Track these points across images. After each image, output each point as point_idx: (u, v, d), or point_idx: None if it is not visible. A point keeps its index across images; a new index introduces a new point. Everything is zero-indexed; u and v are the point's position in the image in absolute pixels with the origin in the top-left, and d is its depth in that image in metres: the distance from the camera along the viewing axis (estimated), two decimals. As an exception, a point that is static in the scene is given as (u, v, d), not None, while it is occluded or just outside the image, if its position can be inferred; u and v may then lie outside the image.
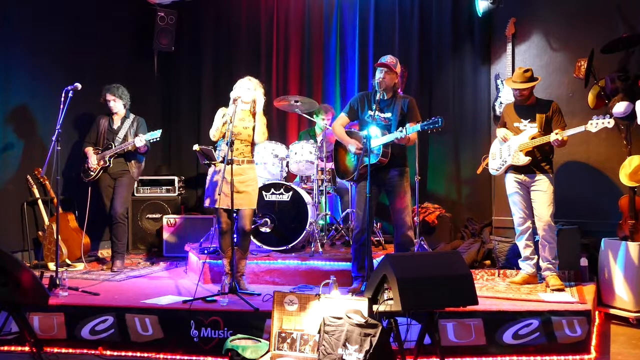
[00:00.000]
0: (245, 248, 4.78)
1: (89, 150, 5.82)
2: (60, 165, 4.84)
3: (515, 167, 4.84)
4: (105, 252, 6.62)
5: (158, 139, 5.65)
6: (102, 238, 6.86)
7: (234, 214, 4.70)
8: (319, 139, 6.16)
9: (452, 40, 6.76)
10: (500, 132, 4.97)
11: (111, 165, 5.75)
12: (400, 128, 4.44)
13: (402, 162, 4.69)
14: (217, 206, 4.58)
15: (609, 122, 4.42)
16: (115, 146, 5.74)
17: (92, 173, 5.74)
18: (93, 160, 5.73)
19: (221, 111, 4.80)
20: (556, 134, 4.56)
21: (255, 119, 4.73)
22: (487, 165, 5.12)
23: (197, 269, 5.28)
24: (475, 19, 6.50)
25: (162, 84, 7.67)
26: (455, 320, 3.94)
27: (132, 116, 5.97)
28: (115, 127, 5.88)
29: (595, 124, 4.46)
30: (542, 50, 6.06)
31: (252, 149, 4.84)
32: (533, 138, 4.73)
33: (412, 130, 4.38)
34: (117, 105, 5.87)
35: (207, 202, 4.72)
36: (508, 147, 4.88)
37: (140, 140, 5.61)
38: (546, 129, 4.72)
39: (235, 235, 4.77)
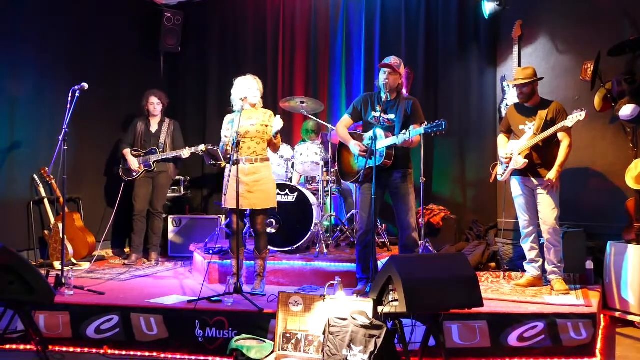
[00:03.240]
0: (260, 249, 4.76)
1: (128, 153, 6.24)
2: (67, 165, 4.85)
3: (521, 171, 4.83)
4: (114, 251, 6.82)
5: (201, 154, 6.21)
6: (125, 235, 7.00)
7: (243, 215, 4.71)
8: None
9: (458, 42, 6.76)
10: (501, 153, 4.97)
11: (155, 168, 6.18)
12: (404, 131, 4.41)
13: (405, 163, 4.68)
14: (227, 206, 4.57)
15: (580, 115, 4.44)
16: (159, 151, 6.18)
17: (134, 174, 6.19)
18: (134, 163, 6.17)
19: (228, 118, 4.80)
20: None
21: (263, 114, 4.72)
22: (497, 172, 5.12)
23: (202, 269, 5.29)
24: (482, 21, 6.49)
25: (168, 85, 7.69)
26: (460, 322, 3.93)
27: (167, 120, 6.39)
28: (153, 130, 6.30)
29: (571, 119, 4.48)
30: (548, 52, 6.05)
31: (266, 147, 4.75)
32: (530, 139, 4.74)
33: (415, 133, 4.37)
34: (159, 108, 6.32)
35: (225, 202, 4.63)
36: (511, 152, 4.87)
37: (188, 152, 6.10)
38: (545, 130, 4.68)
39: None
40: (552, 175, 4.63)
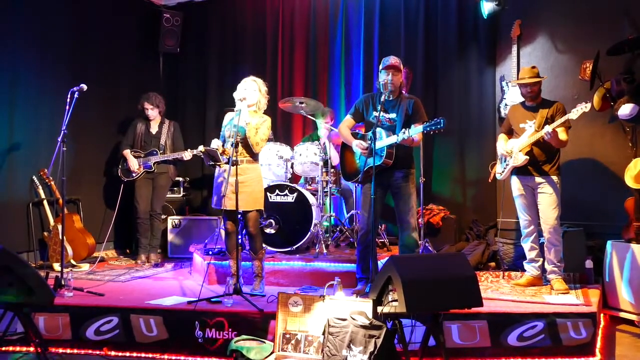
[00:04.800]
0: (255, 250, 4.76)
1: (128, 153, 6.25)
2: (66, 166, 4.86)
3: (521, 170, 4.83)
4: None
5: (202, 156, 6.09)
6: (125, 236, 7.05)
7: (239, 215, 4.71)
8: (322, 141, 6.17)
9: (458, 41, 6.75)
10: (499, 146, 4.96)
11: (155, 170, 6.19)
12: (404, 130, 4.42)
13: (407, 163, 4.67)
14: (220, 207, 4.59)
15: (586, 107, 4.43)
16: (159, 152, 6.19)
17: (134, 175, 6.19)
18: (134, 164, 6.18)
19: (229, 115, 4.81)
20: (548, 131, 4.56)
21: (259, 118, 4.70)
22: (495, 171, 5.12)
23: (202, 269, 5.29)
24: (481, 20, 6.49)
25: (167, 85, 7.70)
26: (460, 322, 3.93)
27: (167, 121, 6.40)
28: (153, 131, 6.32)
29: (576, 111, 4.47)
30: (547, 52, 6.05)
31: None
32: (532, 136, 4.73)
33: (414, 131, 4.37)
34: (154, 112, 6.30)
35: (213, 202, 4.75)
36: (511, 150, 4.87)
37: (189, 155, 6.07)
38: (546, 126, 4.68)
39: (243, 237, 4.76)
40: (548, 129, 4.57)
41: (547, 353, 3.89)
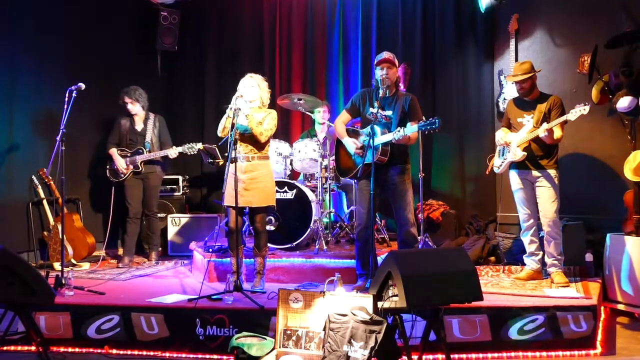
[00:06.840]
0: (260, 247, 4.76)
1: (114, 152, 6.05)
2: (65, 165, 4.85)
3: (519, 164, 4.82)
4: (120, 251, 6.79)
5: (195, 152, 5.91)
6: (119, 236, 6.97)
7: (242, 212, 4.70)
8: (320, 136, 6.16)
9: (455, 36, 6.75)
10: (499, 135, 4.95)
11: (142, 169, 6.01)
12: (399, 128, 4.41)
13: (402, 159, 4.66)
14: (225, 204, 4.57)
15: (584, 109, 4.41)
16: (145, 151, 5.99)
17: (122, 175, 6.02)
18: (121, 163, 5.98)
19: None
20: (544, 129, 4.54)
21: (263, 113, 4.68)
22: (493, 164, 5.11)
23: (202, 267, 5.29)
24: (478, 15, 6.49)
25: (165, 83, 7.69)
26: (461, 316, 3.94)
27: (152, 116, 6.18)
28: (138, 128, 6.11)
29: (574, 113, 4.44)
30: (545, 46, 6.04)
31: (265, 144, 4.74)
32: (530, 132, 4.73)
33: (410, 130, 4.36)
34: (135, 107, 6.07)
35: (224, 200, 4.64)
36: (510, 141, 4.86)
37: (175, 152, 5.89)
38: (543, 123, 4.68)
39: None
40: (545, 127, 4.56)
41: (548, 346, 3.91)
